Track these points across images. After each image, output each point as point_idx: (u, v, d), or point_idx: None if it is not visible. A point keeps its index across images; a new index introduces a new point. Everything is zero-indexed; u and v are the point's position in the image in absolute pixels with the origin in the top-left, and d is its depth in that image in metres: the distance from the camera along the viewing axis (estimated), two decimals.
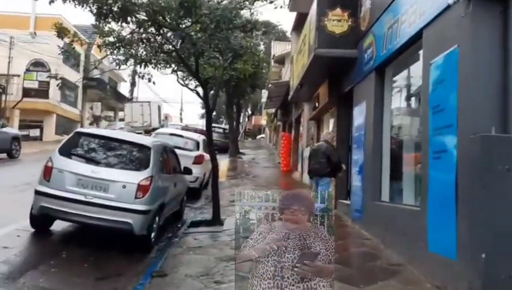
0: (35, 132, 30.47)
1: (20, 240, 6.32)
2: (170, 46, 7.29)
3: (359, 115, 8.39)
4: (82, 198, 6.07)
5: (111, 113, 44.13)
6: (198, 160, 11.90)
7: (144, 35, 7.05)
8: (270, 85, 20.30)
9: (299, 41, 12.19)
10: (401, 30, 6.23)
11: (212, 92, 10.50)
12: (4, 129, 16.40)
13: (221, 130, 30.24)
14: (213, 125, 33.61)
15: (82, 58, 35.49)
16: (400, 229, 6.10)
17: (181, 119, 56.78)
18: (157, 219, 6.73)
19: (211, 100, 9.21)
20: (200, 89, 8.89)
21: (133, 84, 43.69)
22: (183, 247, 6.76)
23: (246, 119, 62.20)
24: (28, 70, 29.03)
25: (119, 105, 42.15)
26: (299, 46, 12.32)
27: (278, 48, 27.57)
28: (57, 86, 8.65)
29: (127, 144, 6.82)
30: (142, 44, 7.15)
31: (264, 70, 28.95)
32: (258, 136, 51.56)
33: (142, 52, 7.36)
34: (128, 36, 7.02)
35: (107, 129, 8.48)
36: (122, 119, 37.51)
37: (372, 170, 7.48)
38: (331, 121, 11.41)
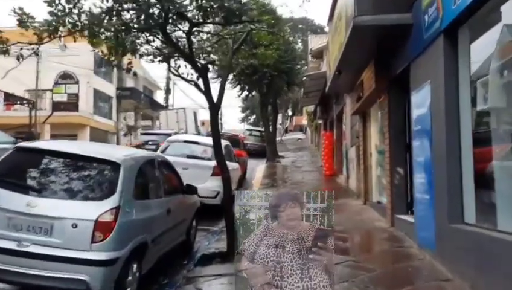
0: None
1: None
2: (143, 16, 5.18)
3: (421, 102, 6.23)
4: (13, 246, 4.08)
5: (148, 123, 43.38)
6: (218, 170, 9.75)
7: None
8: (304, 78, 17.99)
9: (334, 19, 9.87)
10: None
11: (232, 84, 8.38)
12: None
13: (258, 133, 28.33)
14: (250, 128, 32.10)
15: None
16: (504, 271, 4.00)
17: (221, 125, 55.27)
18: (134, 267, 4.63)
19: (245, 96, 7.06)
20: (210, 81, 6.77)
21: (167, 91, 42.67)
22: None
23: (288, 120, 59.99)
24: (56, 83, 28.22)
25: (155, 114, 41.31)
26: (334, 25, 10.01)
27: (315, 42, 25.86)
28: None
29: (86, 161, 4.71)
30: (110, 19, 5.12)
31: (304, 68, 26.83)
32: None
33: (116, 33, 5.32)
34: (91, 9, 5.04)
35: (64, 141, 6.38)
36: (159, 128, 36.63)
37: (446, 177, 5.31)
38: (381, 114, 9.03)
